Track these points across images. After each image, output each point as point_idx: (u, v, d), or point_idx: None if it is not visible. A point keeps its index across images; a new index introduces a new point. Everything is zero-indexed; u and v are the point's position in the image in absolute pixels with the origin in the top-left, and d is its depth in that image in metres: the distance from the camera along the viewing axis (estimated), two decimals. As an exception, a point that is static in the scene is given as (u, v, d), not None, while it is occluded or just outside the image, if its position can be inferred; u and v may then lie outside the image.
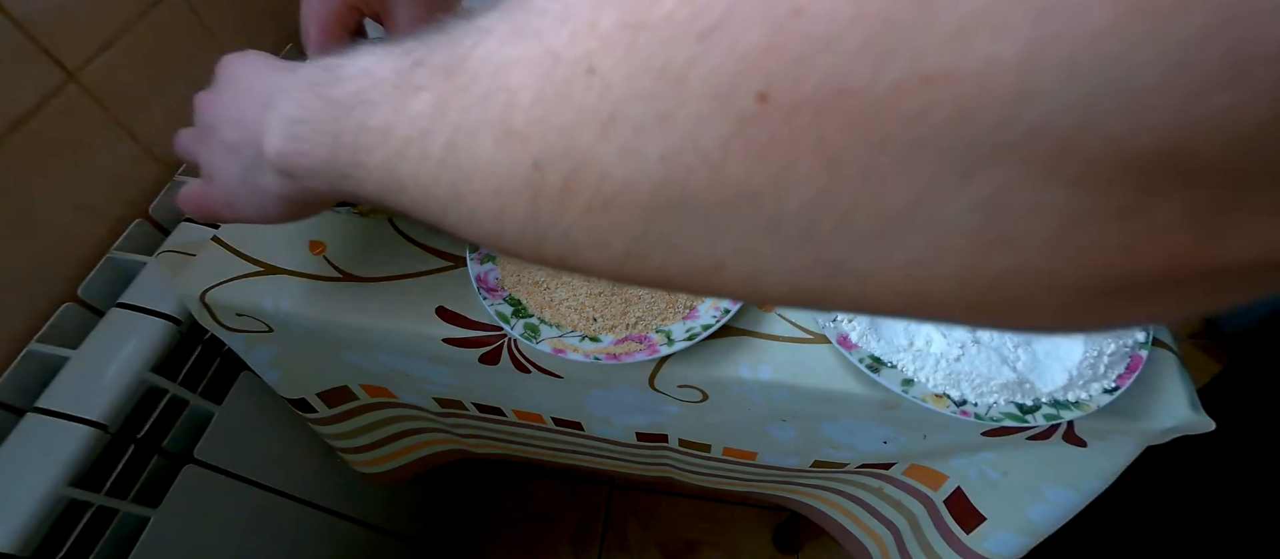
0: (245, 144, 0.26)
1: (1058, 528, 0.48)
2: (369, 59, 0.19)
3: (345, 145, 0.20)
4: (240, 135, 0.26)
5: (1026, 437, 0.42)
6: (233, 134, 0.27)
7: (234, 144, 0.27)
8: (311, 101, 0.21)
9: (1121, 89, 0.08)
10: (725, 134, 0.11)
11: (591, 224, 0.14)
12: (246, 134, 0.25)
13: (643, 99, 0.12)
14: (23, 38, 0.45)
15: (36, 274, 0.49)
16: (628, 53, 0.12)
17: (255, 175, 0.26)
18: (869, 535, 0.65)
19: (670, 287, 0.15)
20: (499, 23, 0.15)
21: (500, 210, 0.15)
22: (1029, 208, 0.10)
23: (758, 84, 0.10)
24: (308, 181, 0.23)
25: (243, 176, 0.27)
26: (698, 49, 0.11)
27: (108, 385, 0.46)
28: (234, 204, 0.29)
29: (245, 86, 0.27)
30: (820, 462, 0.54)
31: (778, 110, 0.10)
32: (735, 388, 0.43)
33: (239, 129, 0.26)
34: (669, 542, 1.11)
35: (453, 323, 0.44)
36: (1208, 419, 0.39)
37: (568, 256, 0.15)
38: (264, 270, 0.47)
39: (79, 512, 0.45)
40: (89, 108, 0.51)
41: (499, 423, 0.60)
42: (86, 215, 0.52)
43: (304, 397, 0.57)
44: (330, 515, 0.73)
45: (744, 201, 0.12)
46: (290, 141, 0.22)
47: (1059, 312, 0.12)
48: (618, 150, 0.12)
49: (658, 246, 0.13)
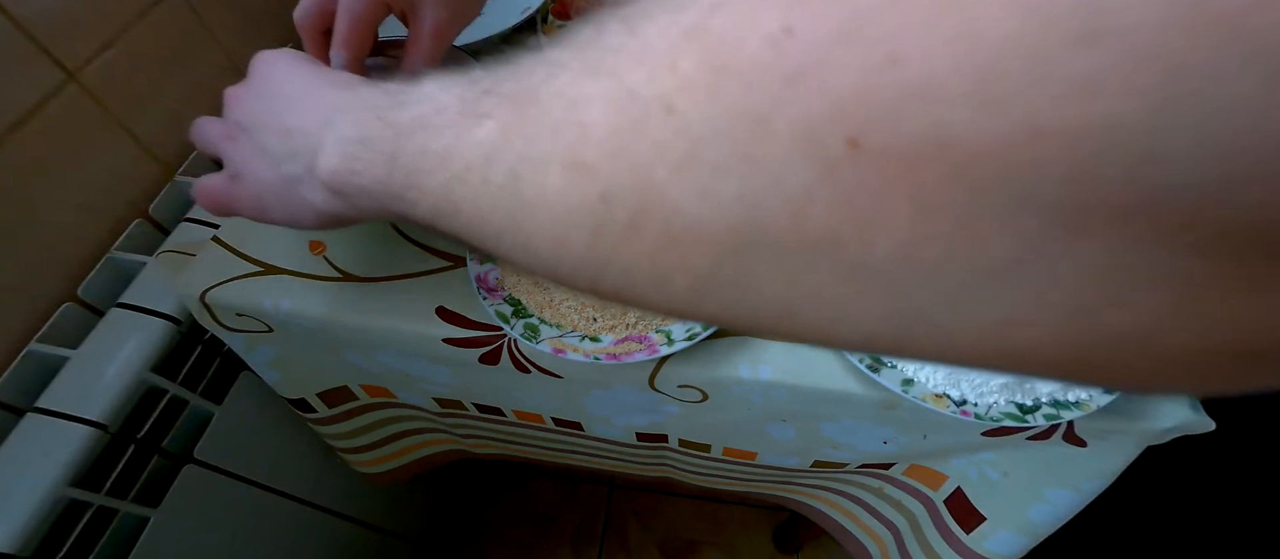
0: (293, 156, 0.26)
1: (1058, 528, 0.48)
2: (434, 86, 0.19)
3: (402, 167, 0.20)
4: (287, 146, 0.26)
5: (1026, 437, 0.42)
6: (276, 143, 0.27)
7: (277, 152, 0.27)
8: (372, 123, 0.21)
9: (1263, 158, 0.08)
10: (810, 178, 0.11)
11: (656, 260, 0.14)
12: (295, 146, 0.25)
13: (723, 139, 0.11)
14: (23, 38, 0.45)
15: (36, 274, 0.49)
16: (709, 94, 0.12)
17: (299, 187, 0.26)
18: (869, 535, 0.65)
19: (732, 327, 0.15)
20: (572, 59, 0.15)
21: (559, 241, 0.15)
22: (1148, 272, 0.09)
23: (849, 129, 0.10)
24: (357, 201, 0.23)
25: (282, 185, 0.27)
26: (785, 92, 0.11)
27: (108, 385, 0.46)
28: (264, 207, 0.29)
29: (289, 94, 0.27)
30: (820, 462, 0.54)
31: (869, 157, 0.10)
32: (735, 388, 0.43)
33: (285, 139, 0.26)
34: (669, 542, 1.11)
35: (453, 323, 0.44)
36: (1208, 419, 0.39)
37: (624, 290, 0.15)
38: (264, 270, 0.47)
39: (79, 512, 0.45)
40: (89, 108, 0.51)
41: (499, 423, 0.60)
42: (86, 215, 0.52)
43: (304, 397, 0.57)
44: (330, 515, 0.73)
45: (825, 246, 0.11)
46: (346, 161, 0.22)
47: (1180, 376, 0.11)
48: (693, 188, 0.12)
49: (725, 287, 0.13)
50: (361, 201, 0.23)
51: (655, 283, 0.14)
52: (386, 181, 0.21)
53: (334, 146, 0.23)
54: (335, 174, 0.23)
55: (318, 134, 0.24)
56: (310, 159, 0.24)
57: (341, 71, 0.28)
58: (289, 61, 0.29)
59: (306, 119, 0.25)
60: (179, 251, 0.52)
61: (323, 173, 0.24)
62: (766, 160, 0.11)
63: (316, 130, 0.24)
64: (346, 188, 0.23)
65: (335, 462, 0.69)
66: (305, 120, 0.25)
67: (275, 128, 0.27)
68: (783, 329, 0.14)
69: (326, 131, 0.24)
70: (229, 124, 0.30)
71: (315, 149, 0.24)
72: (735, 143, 0.11)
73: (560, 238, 0.15)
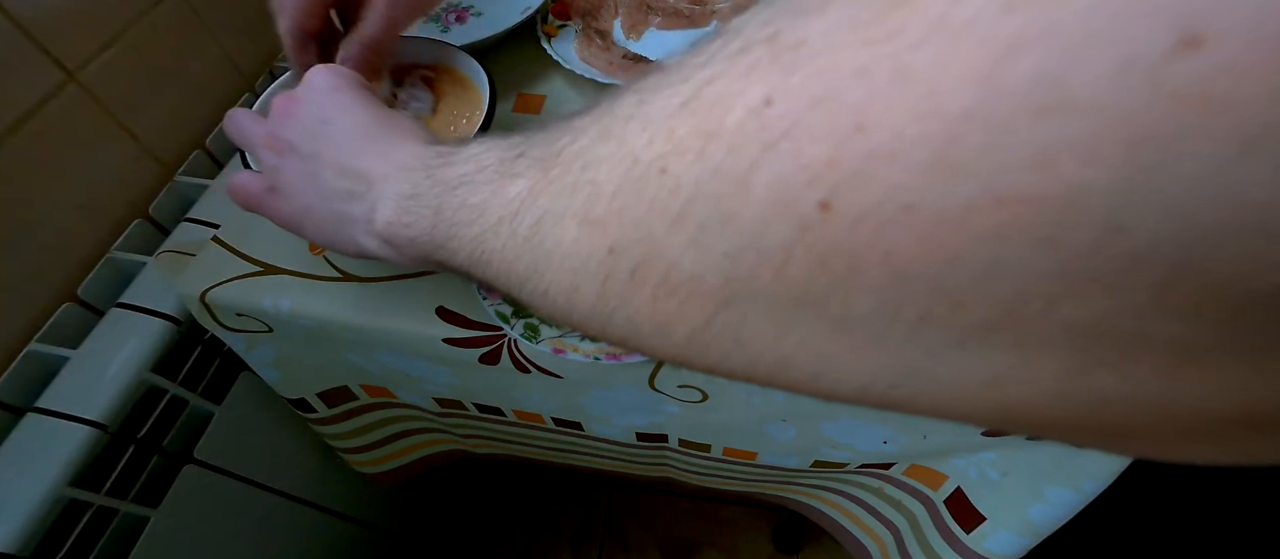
0: (349, 197, 0.27)
1: (1058, 528, 0.48)
2: (479, 148, 0.22)
3: (445, 219, 0.22)
4: (343, 187, 0.27)
5: (1026, 436, 0.42)
6: (332, 179, 0.28)
7: (332, 189, 0.28)
8: (422, 181, 0.24)
9: (1233, 227, 0.08)
10: (787, 237, 0.11)
11: (656, 310, 0.15)
12: (353, 189, 0.27)
13: (710, 198, 0.12)
14: (23, 38, 0.45)
15: (36, 274, 0.49)
16: (698, 157, 0.12)
17: (350, 227, 0.27)
18: (869, 535, 0.65)
19: (734, 376, 0.15)
20: (590, 125, 0.16)
21: (573, 289, 0.17)
22: (1135, 336, 0.09)
23: (820, 193, 0.11)
24: (405, 250, 0.25)
25: (331, 218, 0.28)
26: (763, 157, 0.11)
27: (108, 385, 0.46)
28: (302, 228, 0.30)
29: (349, 131, 0.28)
30: (820, 462, 0.54)
31: (841, 219, 0.11)
32: (735, 388, 0.43)
33: (342, 179, 0.27)
34: (669, 542, 1.11)
35: (453, 323, 0.44)
36: (1208, 419, 0.39)
37: (630, 338, 0.16)
38: (264, 270, 0.47)
39: (79, 512, 0.45)
40: (89, 108, 0.51)
41: (499, 423, 0.60)
42: (86, 215, 0.52)
43: (304, 397, 0.57)
44: (330, 515, 0.73)
45: (809, 302, 0.12)
46: (399, 214, 0.24)
47: (1179, 442, 0.11)
48: (685, 243, 0.13)
49: (721, 337, 0.14)
50: (409, 251, 0.25)
51: (657, 332, 0.15)
52: (431, 233, 0.23)
53: (390, 201, 0.25)
54: (389, 226, 0.25)
55: (378, 187, 0.26)
56: (369, 209, 0.26)
57: (396, 114, 0.29)
58: (347, 92, 0.29)
59: (367, 166, 0.27)
60: (179, 251, 0.52)
61: (378, 224, 0.25)
62: (748, 220, 0.12)
63: (377, 183, 0.26)
64: (397, 239, 0.25)
65: (335, 462, 0.69)
66: (365, 167, 0.27)
67: (332, 164, 0.28)
68: (779, 380, 0.14)
69: (385, 186, 0.25)
70: (277, 137, 0.30)
71: (375, 200, 0.26)
72: (720, 202, 0.12)
73: (574, 286, 0.16)
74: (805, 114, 0.11)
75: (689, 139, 0.13)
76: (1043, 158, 0.08)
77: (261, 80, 0.66)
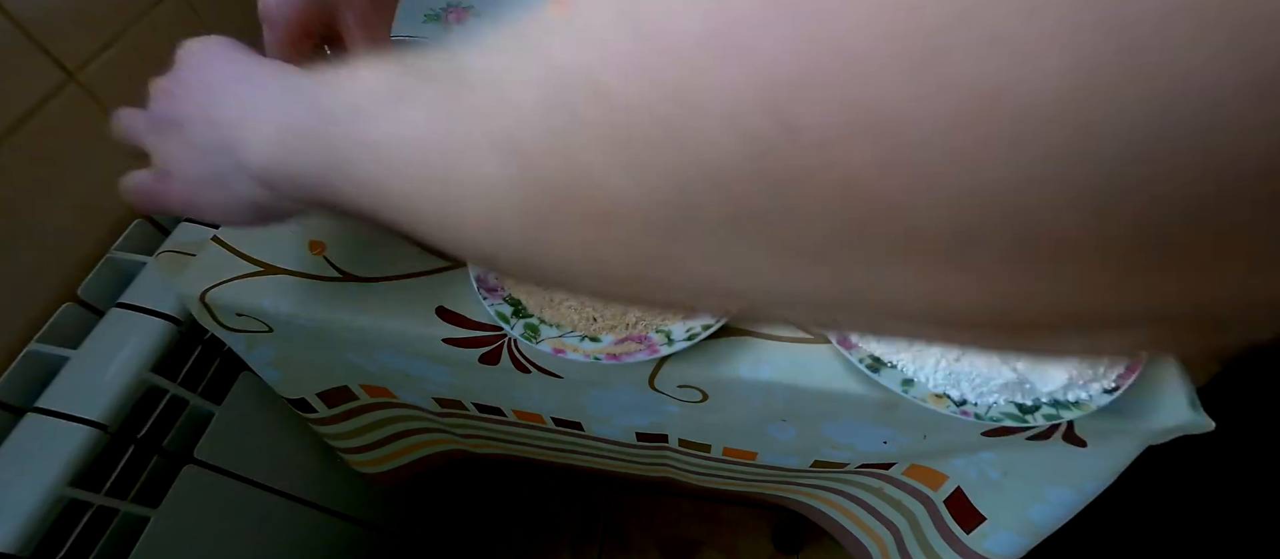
0: (219, 148, 0.24)
1: (1058, 528, 0.48)
2: (365, 70, 0.19)
3: (329, 153, 0.19)
4: (213, 138, 0.25)
5: (1026, 437, 0.42)
6: (203, 135, 0.25)
7: (205, 145, 0.25)
8: (298, 110, 0.20)
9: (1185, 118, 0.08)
10: (737, 156, 0.11)
11: (588, 240, 0.13)
12: (221, 138, 0.24)
13: (652, 117, 0.11)
14: (23, 38, 0.45)
15: (36, 274, 0.49)
16: (639, 71, 0.11)
17: (228, 180, 0.24)
18: (869, 535, 0.65)
19: (670, 306, 0.14)
20: (504, 40, 0.14)
21: (490, 226, 0.15)
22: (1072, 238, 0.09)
23: (780, 108, 0.10)
24: (286, 190, 0.22)
25: (212, 179, 0.25)
26: (715, 72, 0.10)
27: (108, 385, 0.46)
28: (195, 204, 0.27)
29: (215, 83, 0.26)
30: (820, 462, 0.54)
31: (802, 138, 0.10)
32: (735, 388, 0.43)
33: (211, 130, 0.25)
34: (669, 542, 1.11)
35: (453, 323, 0.44)
36: (1208, 419, 0.39)
37: (563, 273, 0.15)
38: (264, 270, 0.47)
39: (79, 512, 0.45)
40: (89, 108, 0.51)
41: (499, 423, 0.60)
42: (86, 215, 0.52)
43: (304, 397, 0.57)
44: (330, 515, 0.73)
45: (754, 222, 0.11)
46: (276, 149, 0.21)
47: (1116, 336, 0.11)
48: (623, 167, 0.12)
49: (658, 265, 0.13)
50: (290, 191, 0.22)
51: (592, 263, 0.14)
52: (317, 170, 0.20)
53: (262, 135, 0.22)
54: (265, 166, 0.22)
55: (245, 122, 0.23)
56: (239, 150, 0.23)
57: (274, 59, 0.27)
58: (216, 48, 0.27)
59: (237, 106, 0.24)
60: (179, 251, 0.52)
61: (253, 164, 0.22)
62: (695, 139, 0.11)
63: (244, 118, 0.23)
64: (276, 178, 0.22)
65: (335, 462, 0.69)
66: (232, 109, 0.24)
67: (201, 119, 0.25)
68: (716, 306, 0.13)
69: (254, 119, 0.23)
70: (155, 117, 0.28)
71: (243, 139, 0.23)
72: (665, 121, 0.11)
73: (491, 222, 0.15)
74: (760, 21, 0.10)
75: (627, 51, 0.11)
76: (1026, 50, 0.08)
77: (261, 80, 0.66)
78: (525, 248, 0.14)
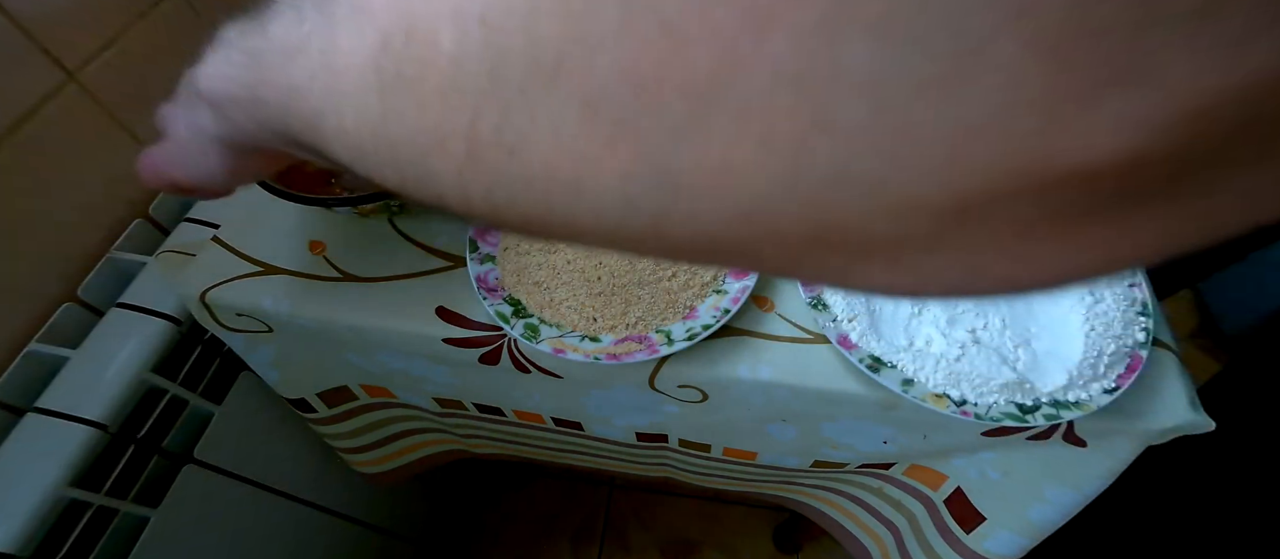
0: (192, 86, 0.25)
1: (1058, 528, 0.48)
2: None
3: (252, 61, 0.19)
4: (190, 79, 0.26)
5: (1026, 437, 0.42)
6: (189, 83, 0.26)
7: (186, 95, 0.26)
8: (240, 25, 0.20)
9: None
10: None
11: (428, 117, 0.12)
12: (194, 73, 0.25)
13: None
14: (23, 38, 0.45)
15: (36, 274, 0.49)
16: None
17: (195, 116, 0.25)
18: (869, 535, 0.65)
19: (521, 218, 0.13)
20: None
21: (359, 110, 0.14)
22: (832, 71, 0.08)
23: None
24: (231, 112, 0.22)
25: (191, 127, 0.26)
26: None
27: (108, 385, 0.46)
28: (185, 158, 0.27)
29: None
30: (820, 462, 0.54)
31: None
32: (735, 388, 0.43)
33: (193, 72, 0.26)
34: (669, 542, 1.11)
35: (453, 323, 0.44)
36: (1208, 419, 0.39)
37: (418, 170, 0.14)
38: (264, 270, 0.47)
39: (79, 512, 0.45)
40: (89, 108, 0.51)
41: (499, 423, 0.60)
42: (86, 215, 0.52)
43: (304, 397, 0.57)
44: (330, 516, 0.73)
45: (556, 71, 0.10)
46: (216, 66, 0.21)
47: (910, 244, 0.09)
48: (446, 11, 0.11)
49: (493, 147, 0.12)
50: (237, 115, 0.21)
51: (435, 145, 0.13)
52: (246, 81, 0.19)
53: (209, 57, 0.22)
54: (209, 80, 0.22)
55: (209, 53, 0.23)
56: (196, 78, 0.23)
57: None
58: None
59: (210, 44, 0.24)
60: (179, 252, 0.52)
61: (201, 82, 0.22)
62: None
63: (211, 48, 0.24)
64: (220, 97, 0.22)
65: (335, 462, 0.69)
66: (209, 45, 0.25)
67: None
68: (552, 205, 0.12)
69: (214, 45, 0.23)
70: (175, 96, 0.30)
71: (201, 66, 0.23)
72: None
73: (360, 106, 0.14)
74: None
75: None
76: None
77: (261, 80, 0.66)
78: (381, 133, 0.14)
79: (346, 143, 0.15)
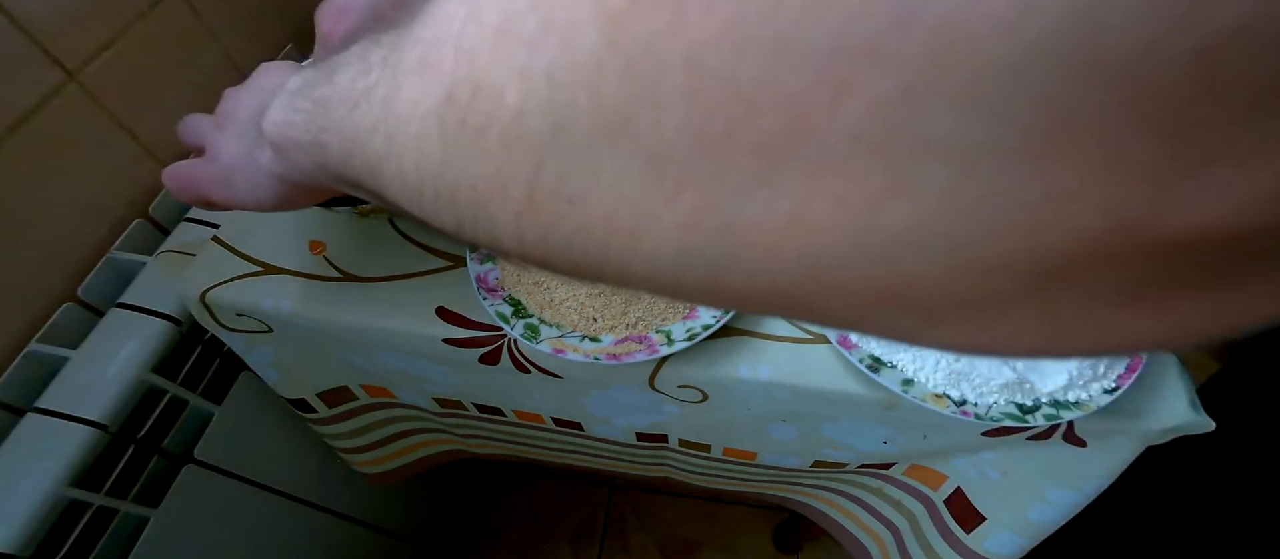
0: (253, 121, 0.27)
1: (1058, 528, 0.48)
2: None
3: (319, 108, 0.20)
4: (252, 115, 0.27)
5: (1026, 437, 0.42)
6: (247, 115, 0.28)
7: (244, 123, 0.28)
8: (310, 73, 0.22)
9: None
10: (598, 42, 0.10)
11: (489, 168, 0.13)
12: (259, 106, 0.26)
13: (530, 6, 0.11)
14: (23, 38, 0.45)
15: (36, 274, 0.49)
16: None
17: (256, 153, 0.27)
18: (869, 535, 0.65)
19: (574, 266, 0.13)
20: None
21: (421, 157, 0.14)
22: (912, 139, 0.08)
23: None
24: (294, 156, 0.23)
25: (245, 155, 0.28)
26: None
27: (108, 385, 0.46)
28: (230, 182, 0.29)
29: (266, 82, 0.29)
30: (820, 462, 0.54)
31: (644, 9, 0.09)
32: (735, 388, 0.43)
33: (253, 112, 0.28)
34: (669, 542, 1.11)
35: (453, 323, 0.44)
36: (1208, 419, 0.39)
37: (479, 217, 0.14)
38: (264, 270, 0.47)
39: (79, 512, 0.45)
40: (89, 108, 0.51)
41: (499, 423, 0.60)
42: (86, 215, 0.52)
43: (304, 397, 0.57)
44: (330, 516, 0.73)
45: (621, 129, 0.10)
46: (285, 112, 0.23)
47: (988, 305, 0.09)
48: (513, 69, 0.11)
49: (551, 197, 0.12)
50: (296, 155, 0.22)
51: (496, 195, 0.13)
52: (310, 127, 0.20)
53: (277, 102, 0.23)
54: (276, 127, 0.23)
55: (272, 99, 0.24)
56: (263, 118, 0.25)
57: None
58: (287, 65, 0.31)
59: (278, 80, 0.26)
60: (179, 252, 0.52)
61: (267, 127, 0.24)
62: (563, 24, 0.10)
63: (272, 97, 0.25)
64: (283, 141, 0.23)
65: (335, 462, 0.69)
66: (276, 80, 0.27)
67: (248, 103, 0.28)
68: (609, 249, 0.12)
69: (279, 93, 0.24)
70: (221, 113, 0.31)
71: (268, 107, 0.24)
72: (539, 8, 0.10)
73: (422, 153, 0.14)
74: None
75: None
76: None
77: (261, 80, 0.66)
78: (444, 179, 0.14)
79: (406, 186, 0.16)
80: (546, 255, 0.13)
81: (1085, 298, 0.09)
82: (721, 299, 0.12)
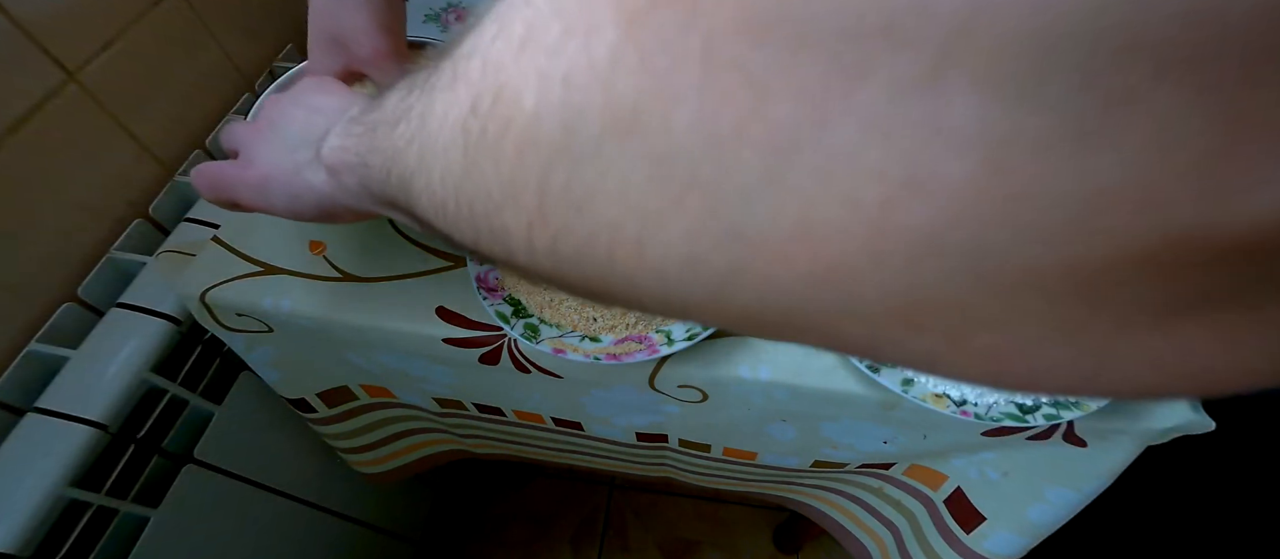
0: (309, 139, 0.28)
1: (1058, 528, 0.48)
2: None
3: (372, 134, 0.21)
4: (304, 132, 0.29)
5: (1026, 436, 0.42)
6: (297, 130, 0.29)
7: (294, 139, 0.29)
8: (367, 102, 0.23)
9: None
10: (616, 40, 0.10)
11: (504, 175, 0.13)
12: (312, 131, 0.28)
13: (554, 11, 0.11)
14: (23, 38, 0.45)
15: (37, 274, 0.49)
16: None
17: (305, 170, 0.28)
18: (869, 535, 0.65)
19: (583, 276, 0.13)
20: None
21: (446, 168, 0.14)
22: (934, 125, 0.07)
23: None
24: (345, 179, 0.24)
25: (291, 168, 0.29)
26: None
27: (108, 385, 0.46)
28: (267, 189, 0.30)
29: (322, 102, 0.30)
30: (820, 462, 0.54)
31: (664, 4, 0.09)
32: (735, 388, 0.43)
33: (306, 128, 0.29)
34: (669, 542, 1.11)
35: (453, 323, 0.44)
36: (1208, 419, 0.39)
37: (493, 221, 0.14)
38: (264, 270, 0.47)
39: (79, 512, 0.45)
40: (89, 108, 0.51)
41: (499, 423, 0.60)
42: (86, 215, 0.52)
43: (304, 397, 0.57)
44: (330, 515, 0.73)
45: (630, 127, 0.10)
46: (343, 138, 0.24)
47: (1018, 326, 0.08)
48: (532, 74, 0.11)
49: (563, 203, 0.12)
50: (349, 179, 0.24)
51: (508, 198, 0.13)
52: (359, 149, 0.22)
53: (340, 126, 0.25)
54: (333, 152, 0.25)
55: (336, 119, 0.26)
56: (321, 142, 0.26)
57: None
58: (331, 82, 0.33)
59: (332, 102, 0.29)
60: (179, 252, 0.52)
61: (325, 152, 0.25)
62: (583, 26, 0.10)
63: (336, 114, 0.27)
64: (338, 165, 0.24)
65: (335, 462, 0.69)
66: (331, 102, 0.29)
67: (300, 119, 0.30)
68: (615, 257, 0.12)
69: (339, 119, 0.26)
70: (261, 121, 0.32)
71: (329, 131, 0.26)
72: (562, 13, 0.10)
73: (447, 164, 0.14)
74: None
75: None
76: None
77: (261, 80, 0.66)
78: (464, 186, 0.14)
79: (433, 200, 0.16)
80: (556, 266, 0.13)
81: (1126, 319, 0.08)
82: (733, 317, 0.12)
